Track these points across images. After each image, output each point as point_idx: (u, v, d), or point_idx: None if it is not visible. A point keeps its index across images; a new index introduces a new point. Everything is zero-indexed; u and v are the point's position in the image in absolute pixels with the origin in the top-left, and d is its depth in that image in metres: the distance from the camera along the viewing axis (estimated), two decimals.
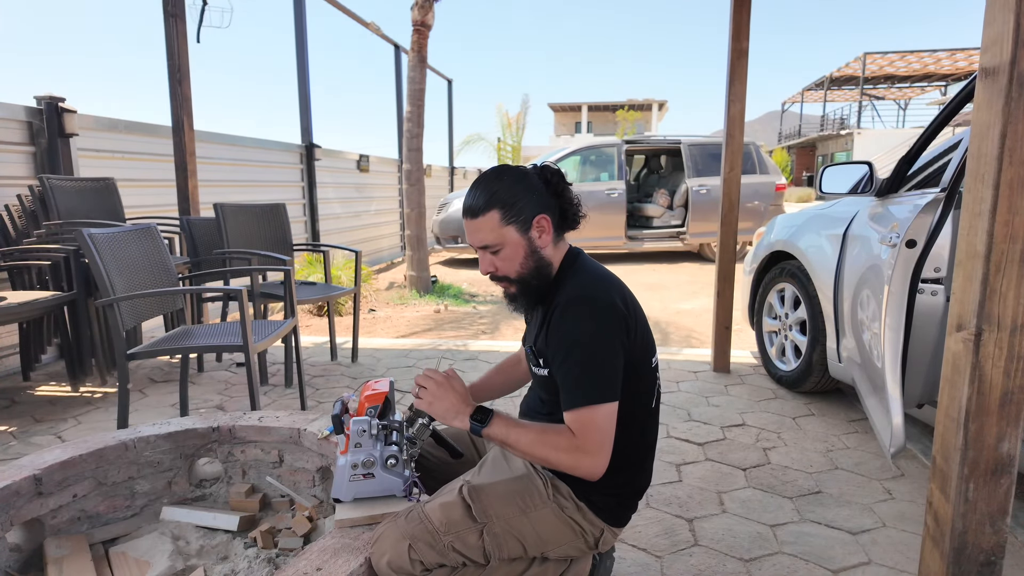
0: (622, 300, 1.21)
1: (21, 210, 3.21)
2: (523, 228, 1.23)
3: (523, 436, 1.16)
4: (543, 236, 1.25)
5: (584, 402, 1.12)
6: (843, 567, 1.67)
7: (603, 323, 1.16)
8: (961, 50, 24.17)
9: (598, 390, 1.12)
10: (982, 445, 1.06)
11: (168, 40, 3.77)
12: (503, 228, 1.22)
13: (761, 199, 8.19)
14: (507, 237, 1.23)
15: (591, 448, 1.12)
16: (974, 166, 1.04)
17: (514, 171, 1.27)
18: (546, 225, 1.24)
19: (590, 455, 1.12)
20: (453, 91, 11.77)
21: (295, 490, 1.71)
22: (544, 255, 1.26)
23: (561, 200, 1.28)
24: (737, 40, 3.12)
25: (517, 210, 1.22)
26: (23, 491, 1.40)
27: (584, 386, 1.13)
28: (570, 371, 1.15)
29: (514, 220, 1.22)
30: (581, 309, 1.17)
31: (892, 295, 1.92)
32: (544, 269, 1.26)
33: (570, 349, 1.15)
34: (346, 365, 3.58)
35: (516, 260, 1.25)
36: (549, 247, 1.27)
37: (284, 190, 6.11)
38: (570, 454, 1.13)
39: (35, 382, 3.23)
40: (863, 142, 26.57)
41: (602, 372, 1.14)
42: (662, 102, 35.95)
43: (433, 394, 1.22)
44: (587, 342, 1.14)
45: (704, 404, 2.91)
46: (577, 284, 1.22)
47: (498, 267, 1.26)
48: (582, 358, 1.14)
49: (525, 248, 1.24)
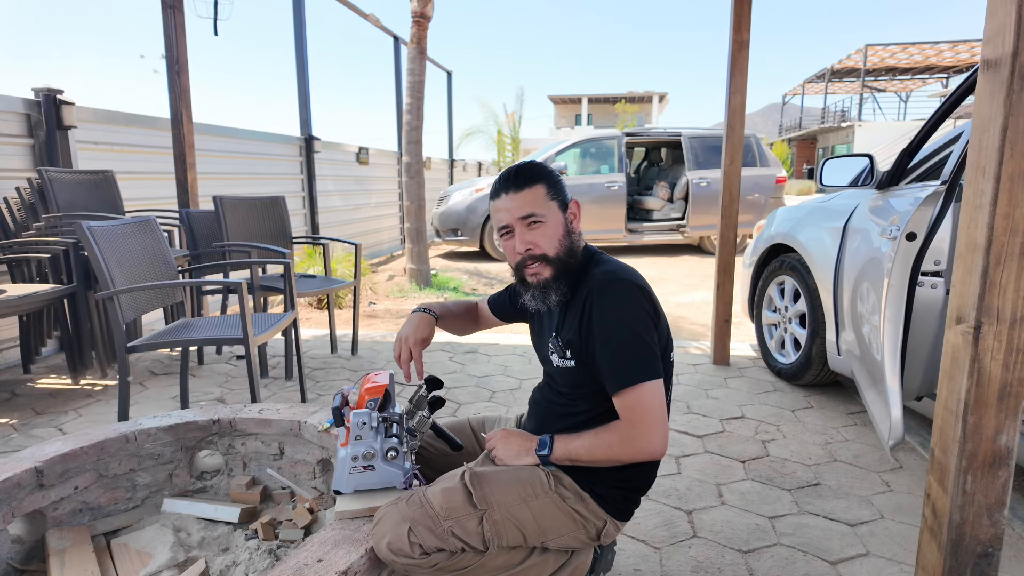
0: (646, 285, 1.24)
1: (20, 203, 3.20)
2: (563, 207, 1.28)
3: (582, 447, 1.20)
4: (575, 222, 1.30)
5: (630, 382, 1.15)
6: (841, 558, 1.67)
7: (639, 303, 1.19)
8: (963, 42, 24.05)
9: (642, 369, 1.15)
10: (980, 438, 1.07)
11: (166, 32, 3.75)
12: (549, 202, 1.26)
13: (762, 192, 8.18)
14: (549, 211, 1.26)
15: (644, 428, 1.14)
16: (975, 159, 1.04)
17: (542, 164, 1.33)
18: (577, 212, 1.30)
19: (645, 435, 1.14)
20: (453, 83, 11.73)
21: (296, 482, 1.71)
22: (575, 238, 1.30)
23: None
24: (738, 32, 3.10)
25: (559, 189, 1.28)
26: (24, 483, 1.41)
27: (629, 366, 1.15)
28: (613, 353, 1.17)
29: (556, 197, 1.27)
30: (617, 291, 1.20)
31: (892, 288, 1.92)
32: (576, 253, 1.29)
33: (612, 331, 1.17)
34: (346, 358, 3.58)
35: (555, 237, 1.26)
36: (575, 233, 1.31)
37: (283, 183, 6.10)
38: (626, 445, 1.16)
39: (36, 375, 3.23)
40: (864, 134, 26.49)
41: (644, 350, 1.16)
42: (663, 94, 35.82)
43: (504, 446, 1.30)
44: (628, 320, 1.17)
45: (703, 397, 2.91)
46: (606, 271, 1.24)
47: (537, 243, 1.25)
48: (625, 339, 1.16)
49: (563, 227, 1.28)
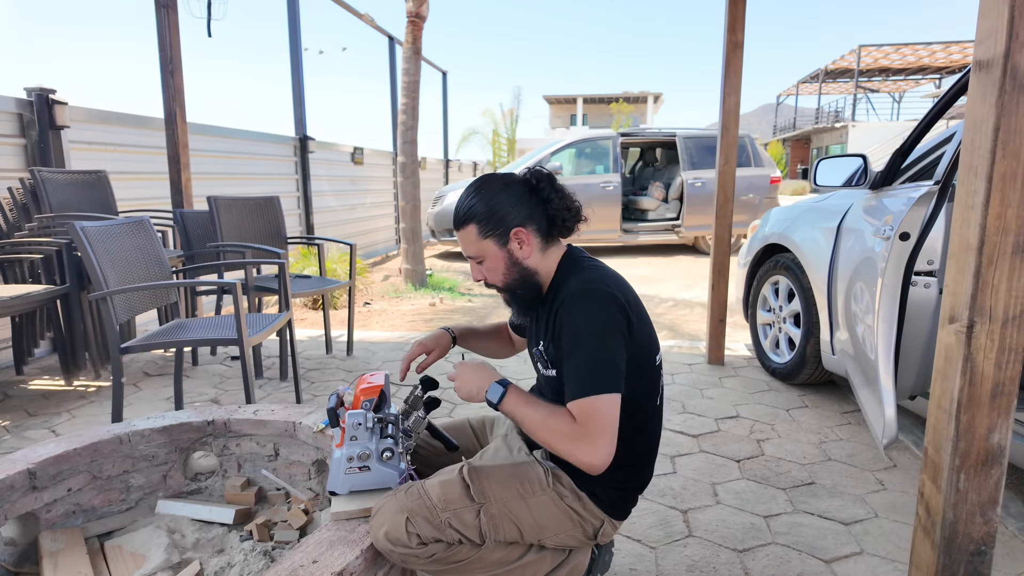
0: (623, 295, 1.20)
1: (12, 203, 3.18)
2: (500, 241, 1.24)
3: (532, 414, 1.16)
4: (524, 247, 1.25)
5: (586, 392, 1.11)
6: (836, 557, 1.68)
7: (604, 315, 1.15)
8: (956, 43, 24.19)
9: (600, 381, 1.12)
10: (973, 436, 1.07)
11: (160, 31, 3.74)
12: (481, 241, 1.24)
13: (756, 192, 8.21)
14: (486, 250, 1.25)
15: (590, 436, 1.10)
16: (967, 159, 1.05)
17: (496, 181, 1.27)
18: (525, 237, 1.24)
19: (588, 443, 1.10)
20: (448, 83, 11.72)
21: (291, 483, 1.71)
22: (527, 265, 1.26)
23: (550, 206, 1.26)
24: (732, 32, 3.11)
25: (494, 224, 1.23)
26: (17, 485, 1.40)
27: (587, 377, 1.12)
28: (574, 364, 1.14)
29: (491, 234, 1.24)
30: (582, 302, 1.17)
31: (885, 288, 1.93)
32: (530, 279, 1.27)
33: (576, 342, 1.15)
34: (341, 358, 3.58)
35: (499, 271, 1.27)
36: (533, 257, 1.26)
37: (278, 183, 6.08)
38: (569, 441, 1.12)
39: (28, 376, 3.21)
40: (858, 135, 26.62)
41: (604, 363, 1.13)
42: (657, 95, 35.88)
43: (463, 380, 1.24)
44: (590, 333, 1.14)
45: (698, 396, 2.92)
46: (578, 280, 1.22)
47: (485, 276, 1.29)
48: (585, 349, 1.14)
49: (505, 260, 1.25)
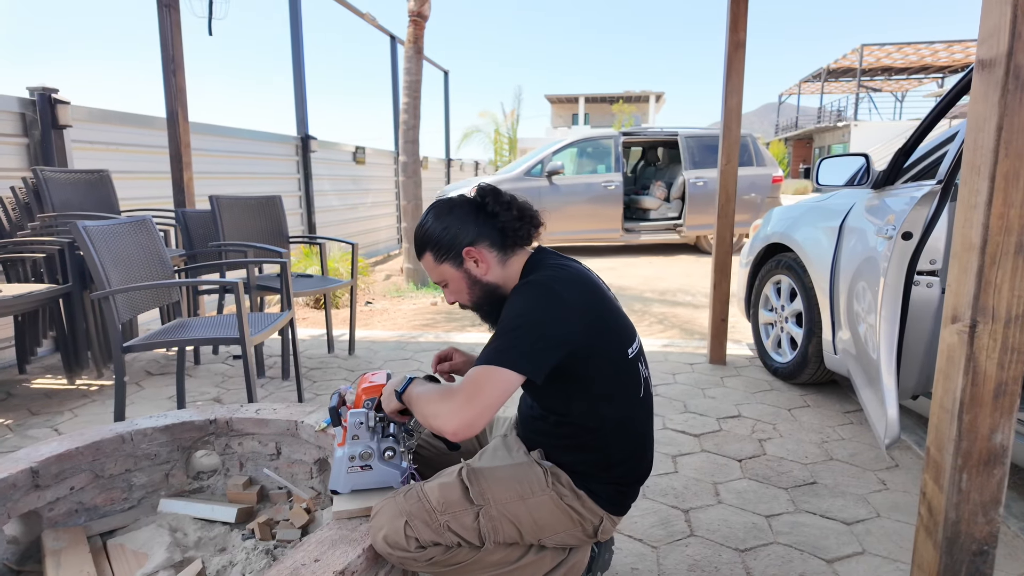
0: (568, 287, 1.18)
1: (15, 202, 3.19)
2: (456, 263, 1.27)
3: (420, 395, 1.17)
4: (480, 265, 1.27)
5: (482, 362, 1.10)
6: (837, 557, 1.68)
7: (539, 301, 1.15)
8: (958, 42, 24.12)
9: (501, 356, 1.10)
10: (976, 436, 1.07)
11: (162, 30, 3.74)
12: (439, 266, 1.28)
13: (758, 191, 8.19)
14: (446, 273, 1.28)
15: (457, 399, 1.08)
16: (970, 158, 1.04)
17: (443, 206, 1.30)
18: (478, 255, 1.26)
19: (452, 403, 1.08)
20: (449, 83, 11.72)
21: (293, 482, 1.71)
22: (488, 281, 1.28)
23: (497, 220, 1.27)
24: (734, 32, 3.11)
25: (445, 247, 1.26)
26: (20, 484, 1.40)
27: (490, 350, 1.11)
28: (489, 343, 1.14)
29: (445, 258, 1.27)
30: (515, 295, 1.19)
31: (888, 287, 1.92)
32: (493, 293, 1.29)
33: (499, 327, 1.16)
34: (343, 358, 3.58)
35: (463, 291, 1.30)
36: (493, 271, 1.28)
37: (280, 182, 6.08)
38: (436, 403, 1.11)
39: (31, 375, 3.22)
40: (860, 134, 26.56)
41: (513, 343, 1.11)
42: (659, 94, 35.85)
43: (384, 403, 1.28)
44: (512, 317, 1.14)
45: (700, 396, 2.92)
46: (530, 278, 1.22)
47: (453, 298, 1.32)
48: (502, 330, 1.14)
49: (466, 280, 1.28)
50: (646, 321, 4.61)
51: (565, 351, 1.14)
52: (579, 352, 1.16)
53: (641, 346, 1.32)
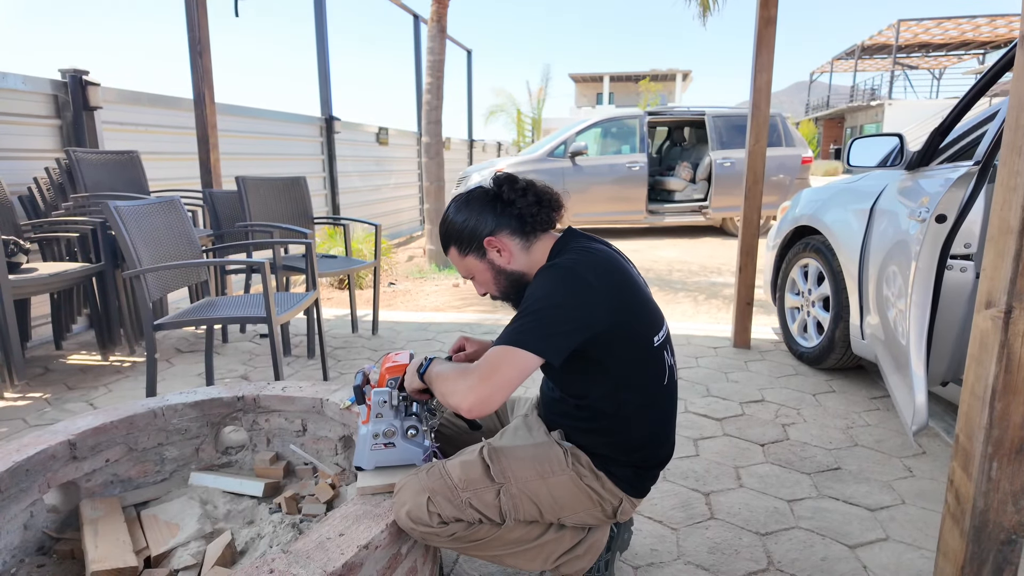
0: (591, 270, 1.16)
1: (49, 183, 3.27)
2: (479, 254, 1.28)
3: (439, 374, 1.18)
4: (503, 254, 1.27)
5: (501, 342, 1.11)
6: (860, 543, 1.67)
7: (554, 286, 1.15)
8: (1002, 16, 23.11)
9: (520, 336, 1.10)
10: (1008, 424, 1.05)
11: (188, 12, 3.76)
12: (464, 260, 1.30)
13: (786, 172, 8.02)
14: (472, 266, 1.30)
15: (472, 377, 1.09)
16: (1011, 138, 1.01)
17: (460, 199, 1.30)
18: (500, 244, 1.26)
19: (470, 380, 1.09)
20: (472, 62, 11.63)
21: (318, 458, 1.75)
22: (513, 270, 1.28)
23: (515, 207, 1.26)
24: (765, 7, 3.02)
25: (467, 240, 1.27)
26: (59, 455, 1.46)
27: (510, 331, 1.12)
28: (510, 324, 1.14)
29: (469, 250, 1.28)
30: (539, 278, 1.19)
31: (919, 271, 1.88)
32: (519, 281, 1.29)
33: (521, 308, 1.16)
34: (367, 337, 3.62)
35: (490, 282, 1.31)
36: (516, 259, 1.28)
37: (304, 163, 6.13)
38: (457, 379, 1.12)
39: (67, 351, 3.32)
40: (894, 113, 25.75)
41: (534, 325, 1.11)
42: (686, 72, 35.13)
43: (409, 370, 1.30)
44: (533, 299, 1.14)
45: (723, 380, 2.90)
46: (553, 262, 1.22)
47: (482, 289, 1.34)
48: (523, 312, 1.13)
49: (491, 270, 1.29)
50: (669, 304, 4.58)
51: (586, 335, 1.13)
52: (601, 337, 1.15)
53: (668, 333, 1.31)
